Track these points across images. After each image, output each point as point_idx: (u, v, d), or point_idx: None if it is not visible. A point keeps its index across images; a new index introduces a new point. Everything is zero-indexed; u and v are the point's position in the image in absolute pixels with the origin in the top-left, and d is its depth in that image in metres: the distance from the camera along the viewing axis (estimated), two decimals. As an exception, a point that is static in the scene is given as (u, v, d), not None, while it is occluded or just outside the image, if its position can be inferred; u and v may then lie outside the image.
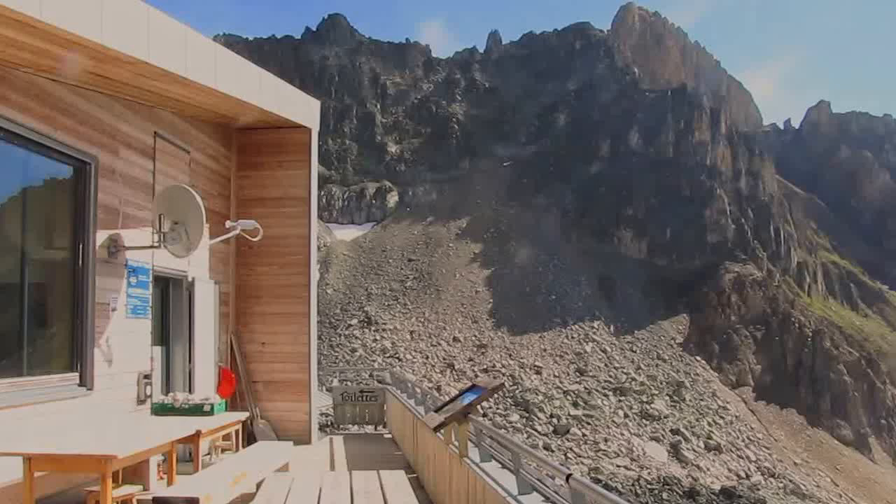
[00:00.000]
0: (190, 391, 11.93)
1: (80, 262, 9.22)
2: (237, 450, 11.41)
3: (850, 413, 68.37)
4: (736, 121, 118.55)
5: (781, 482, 54.63)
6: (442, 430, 9.15)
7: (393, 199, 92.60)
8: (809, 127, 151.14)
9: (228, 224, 11.92)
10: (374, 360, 62.80)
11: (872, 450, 66.78)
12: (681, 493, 45.69)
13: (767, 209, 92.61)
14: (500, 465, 8.06)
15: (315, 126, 15.06)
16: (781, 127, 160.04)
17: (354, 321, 70.21)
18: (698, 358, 71.67)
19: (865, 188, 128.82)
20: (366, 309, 71.83)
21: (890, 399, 72.19)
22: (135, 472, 8.55)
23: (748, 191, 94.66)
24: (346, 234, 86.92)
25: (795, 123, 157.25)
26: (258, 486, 8.60)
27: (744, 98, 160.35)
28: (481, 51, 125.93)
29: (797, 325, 74.43)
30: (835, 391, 69.38)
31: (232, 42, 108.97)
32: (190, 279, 12.35)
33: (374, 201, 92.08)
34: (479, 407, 8.99)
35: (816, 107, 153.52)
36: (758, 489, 50.56)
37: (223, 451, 11.80)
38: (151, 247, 10.03)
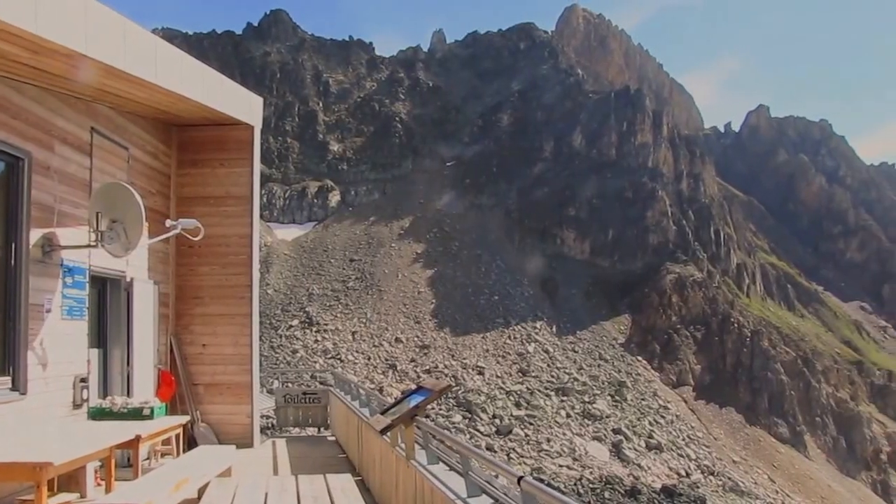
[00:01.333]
0: (128, 395, 11.65)
1: (13, 261, 8.89)
2: (178, 455, 11.16)
3: (786, 411, 69.37)
4: (678, 123, 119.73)
5: (721, 480, 55.20)
6: (388, 433, 9.05)
7: (335, 198, 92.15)
8: (749, 130, 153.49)
9: (168, 223, 11.63)
10: (315, 362, 62.41)
11: (808, 447, 67.83)
12: (622, 492, 45.94)
13: (708, 211, 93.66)
14: (447, 468, 7.98)
15: (257, 124, 14.85)
16: (722, 130, 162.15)
17: (295, 322, 69.72)
18: (639, 358, 72.21)
19: (802, 191, 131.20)
20: (307, 309, 71.37)
21: (825, 397, 73.37)
22: (71, 480, 8.31)
23: (689, 193, 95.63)
24: (288, 233, 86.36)
25: (735, 127, 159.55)
26: (201, 492, 8.37)
27: (685, 101, 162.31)
28: (425, 50, 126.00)
29: (736, 325, 75.34)
30: (772, 390, 70.34)
31: (171, 36, 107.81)
32: (128, 279, 12.06)
33: (315, 200, 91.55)
34: (425, 409, 8.87)
35: (756, 111, 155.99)
36: (698, 487, 51.00)
37: (163, 455, 11.57)
38: (88, 246, 9.73)
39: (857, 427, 71.62)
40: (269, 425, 27.21)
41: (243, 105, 14.23)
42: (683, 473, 54.77)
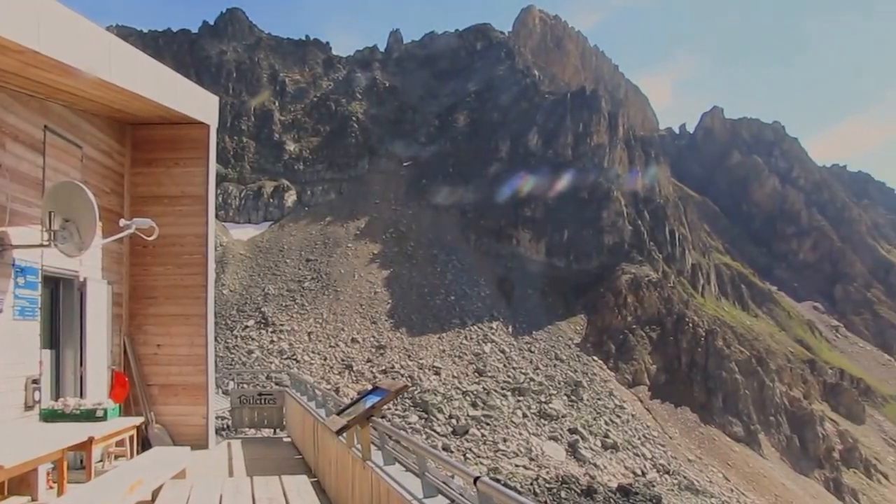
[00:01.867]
0: (81, 396, 11.53)
1: (-36, 261, 8.77)
2: (131, 456, 11.04)
3: (740, 410, 70.00)
4: (633, 124, 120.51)
5: (676, 479, 55.62)
6: (344, 434, 9.02)
7: (291, 198, 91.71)
8: (703, 132, 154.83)
9: (122, 222, 11.51)
10: (271, 362, 62.09)
11: (762, 445, 68.50)
12: (579, 491, 46.11)
13: (663, 212, 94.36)
14: (404, 468, 8.00)
15: (213, 122, 14.76)
16: (677, 131, 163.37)
17: (251, 322, 69.35)
18: (595, 358, 72.55)
19: (756, 192, 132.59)
20: (263, 310, 71.01)
21: (778, 396, 74.13)
22: (22, 483, 8.19)
23: (644, 193, 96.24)
24: (243, 233, 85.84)
25: (690, 128, 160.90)
26: (155, 494, 8.29)
27: (641, 102, 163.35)
28: (382, 50, 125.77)
29: (691, 325, 75.93)
30: (726, 389, 70.96)
31: (126, 34, 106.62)
32: (81, 279, 11.92)
33: (271, 200, 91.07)
34: (381, 409, 8.86)
35: (710, 112, 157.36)
36: (653, 486, 51.35)
37: (117, 457, 11.46)
38: (41, 245, 9.61)
39: (809, 425, 72.44)
40: (225, 426, 27.08)
41: (199, 104, 14.13)
42: (639, 472, 55.13)
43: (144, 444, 13.04)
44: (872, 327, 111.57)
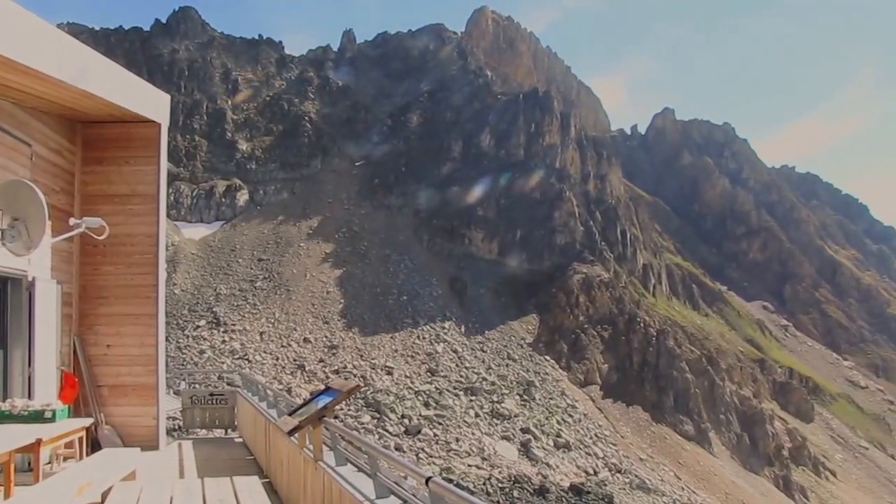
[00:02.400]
0: (29, 397, 11.40)
1: None
2: (80, 458, 10.95)
3: (691, 409, 70.63)
4: (585, 125, 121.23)
5: (628, 477, 56.00)
6: (296, 434, 9.01)
7: (243, 197, 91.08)
8: (655, 133, 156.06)
9: (72, 221, 11.39)
10: (222, 363, 61.65)
11: (712, 444, 69.17)
12: (531, 490, 46.30)
13: (614, 212, 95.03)
14: (356, 469, 8.03)
15: (164, 121, 14.68)
16: (628, 132, 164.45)
17: (203, 322, 68.78)
18: (547, 357, 72.83)
19: (706, 193, 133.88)
20: (214, 310, 70.47)
21: (728, 395, 74.90)
22: (-32, 485, 8.08)
23: (596, 194, 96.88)
24: (195, 232, 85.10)
25: (642, 129, 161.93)
26: (104, 496, 8.22)
27: (593, 103, 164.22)
28: (335, 49, 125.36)
29: (642, 324, 76.50)
30: (678, 388, 71.56)
31: (77, 31, 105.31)
32: (30, 279, 11.79)
33: (223, 199, 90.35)
34: (333, 410, 8.87)
35: (661, 114, 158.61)
36: (605, 485, 51.69)
37: (65, 459, 11.35)
38: (-12, 244, 9.49)
39: (759, 424, 73.25)
40: (176, 427, 26.84)
41: (150, 102, 14.03)
42: (591, 472, 55.42)
43: (94, 445, 12.92)
44: (820, 326, 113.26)
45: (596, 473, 55.20)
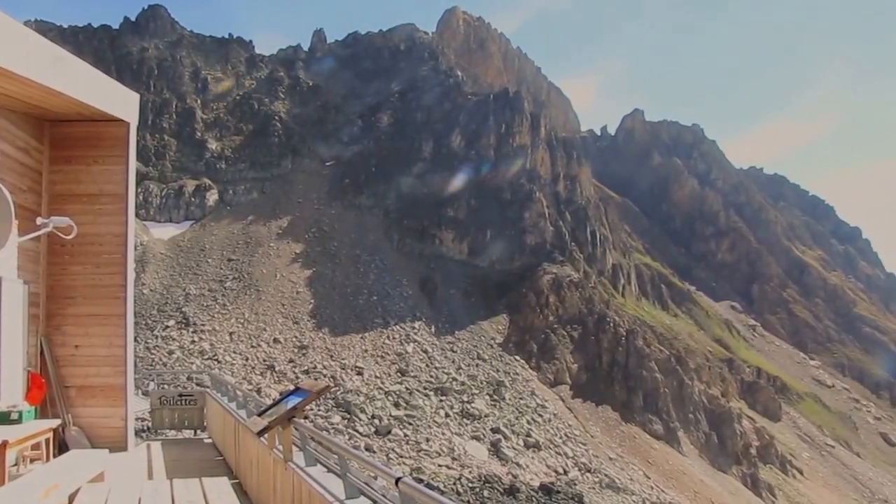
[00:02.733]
0: (-4, 398, 11.28)
1: None
2: (48, 460, 10.85)
3: (660, 409, 71.00)
4: (555, 126, 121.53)
5: (597, 477, 56.18)
6: (266, 435, 8.99)
7: (213, 197, 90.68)
8: (624, 134, 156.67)
9: (39, 221, 11.29)
10: (192, 363, 61.33)
11: (681, 443, 69.57)
12: (501, 490, 46.32)
13: (584, 212, 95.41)
14: (326, 469, 8.02)
15: (133, 120, 14.56)
16: (598, 133, 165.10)
17: (172, 322, 68.42)
18: (517, 357, 72.98)
19: (675, 194, 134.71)
20: (184, 310, 70.13)
21: (697, 395, 75.35)
22: (-67, 488, 7.99)
23: (566, 194, 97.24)
24: (164, 232, 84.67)
25: (611, 130, 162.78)
26: (71, 498, 8.16)
27: (563, 104, 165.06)
28: (305, 49, 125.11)
29: (612, 324, 76.80)
30: (647, 388, 71.91)
31: (44, 29, 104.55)
32: (-4, 279, 11.68)
33: (193, 199, 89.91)
34: (303, 410, 8.85)
35: (631, 115, 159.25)
36: (575, 484, 51.80)
37: (32, 461, 11.23)
38: (-46, 244, 9.40)
39: (727, 423, 73.73)
40: (145, 428, 26.73)
41: (118, 101, 13.93)
42: (561, 471, 55.56)
43: (61, 447, 12.82)
44: (788, 326, 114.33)
45: (566, 473, 55.34)
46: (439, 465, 50.29)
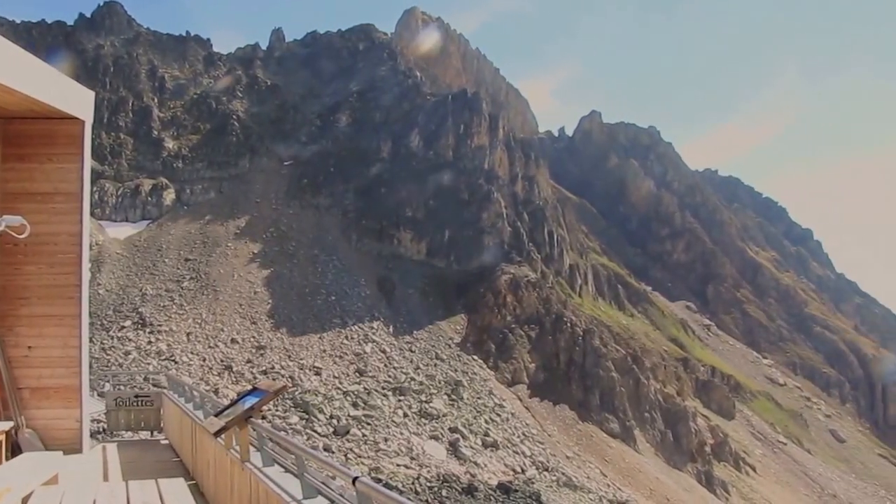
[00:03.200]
0: (-53, 400, 11.12)
1: None
2: (0, 463, 10.69)
3: (617, 407, 71.58)
4: (513, 127, 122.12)
5: (555, 475, 56.56)
6: (223, 435, 8.95)
7: (170, 196, 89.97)
8: (582, 135, 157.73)
9: (-8, 220, 11.14)
10: (148, 364, 60.85)
11: (637, 441, 70.27)
12: (459, 489, 46.48)
13: (542, 213, 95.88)
14: (283, 469, 8.02)
15: (88, 118, 14.36)
16: (556, 134, 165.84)
17: (128, 323, 67.82)
18: (475, 357, 73.23)
19: (632, 195, 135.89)
20: (140, 310, 69.54)
21: (653, 393, 76.02)
22: None
23: (524, 195, 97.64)
24: (120, 231, 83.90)
25: (569, 131, 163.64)
26: (24, 501, 8.06)
27: (521, 105, 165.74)
28: (264, 48, 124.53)
29: (569, 324, 77.26)
30: (603, 387, 72.47)
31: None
32: (-52, 279, 11.51)
33: (149, 198, 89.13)
34: (261, 410, 8.82)
35: (588, 116, 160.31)
36: (533, 483, 52.10)
37: (-16, 464, 11.08)
38: None
39: (682, 421, 74.47)
40: (100, 430, 26.47)
41: (74, 98, 13.76)
42: (519, 470, 55.87)
43: (14, 449, 12.66)
44: (741, 326, 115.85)
45: (523, 472, 55.64)
46: (398, 465, 50.33)
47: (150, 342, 65.15)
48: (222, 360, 63.97)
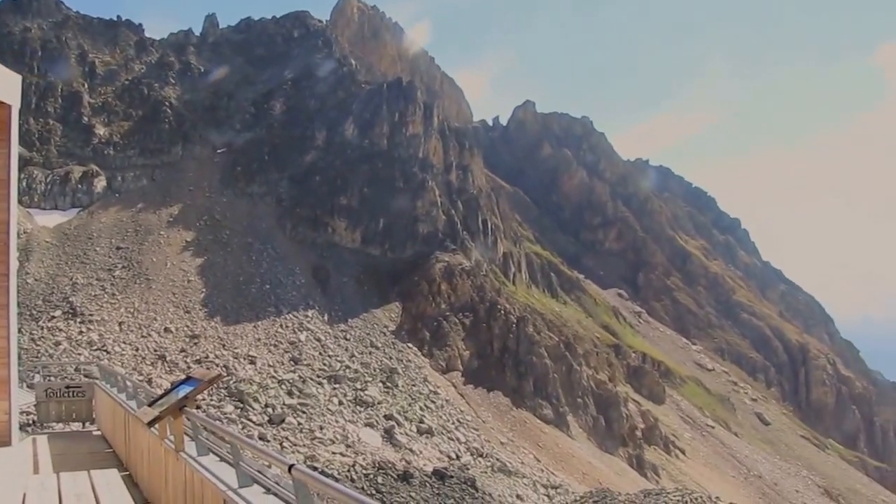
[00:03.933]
0: None
1: None
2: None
3: (550, 393, 72.41)
4: (448, 116, 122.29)
5: (489, 461, 57.15)
6: (156, 425, 9.03)
7: (100, 183, 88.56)
8: (516, 125, 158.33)
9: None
10: (80, 354, 60.01)
11: (570, 426, 71.22)
12: (395, 476, 46.54)
13: (476, 202, 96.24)
14: (218, 459, 8.05)
15: (15, 103, 14.20)
16: (490, 123, 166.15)
17: (58, 313, 66.83)
18: (410, 345, 73.49)
19: (565, 184, 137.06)
20: (70, 300, 68.57)
21: (585, 380, 77.01)
22: None
23: (458, 183, 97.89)
24: (49, 219, 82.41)
25: (503, 121, 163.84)
26: (-47, 495, 8.17)
27: (456, 94, 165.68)
28: (197, 34, 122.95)
29: (503, 312, 77.83)
30: (537, 374, 73.24)
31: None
32: None
33: (80, 186, 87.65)
34: (195, 399, 8.95)
35: (523, 106, 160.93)
36: (468, 469, 52.43)
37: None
38: None
39: (614, 406, 75.60)
40: (30, 422, 26.25)
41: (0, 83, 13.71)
42: (454, 456, 56.33)
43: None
44: (671, 313, 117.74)
45: (458, 458, 56.10)
46: (333, 453, 50.42)
47: (80, 332, 64.29)
48: (155, 350, 63.39)
